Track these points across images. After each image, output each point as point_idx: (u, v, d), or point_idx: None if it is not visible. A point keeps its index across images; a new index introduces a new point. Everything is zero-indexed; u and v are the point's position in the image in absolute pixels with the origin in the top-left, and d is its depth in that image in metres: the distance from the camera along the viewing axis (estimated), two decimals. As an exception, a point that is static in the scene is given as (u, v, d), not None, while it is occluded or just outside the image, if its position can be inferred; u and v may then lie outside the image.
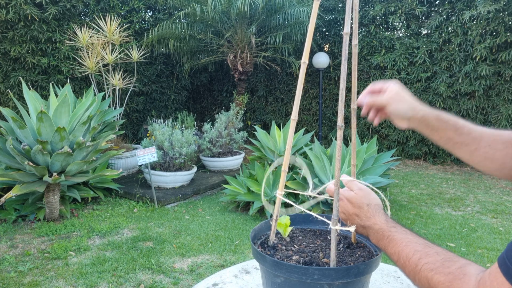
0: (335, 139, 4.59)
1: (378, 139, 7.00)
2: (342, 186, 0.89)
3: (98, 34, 5.38)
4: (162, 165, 4.91)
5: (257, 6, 5.61)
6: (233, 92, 7.54)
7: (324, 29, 7.44)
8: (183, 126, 5.91)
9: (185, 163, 5.02)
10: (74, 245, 3.31)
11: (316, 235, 1.06)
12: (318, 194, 1.00)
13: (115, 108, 5.74)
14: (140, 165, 5.31)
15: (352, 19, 0.82)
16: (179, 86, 8.18)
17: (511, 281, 0.50)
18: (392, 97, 0.85)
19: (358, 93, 0.89)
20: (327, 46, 7.49)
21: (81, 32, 5.27)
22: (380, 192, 0.97)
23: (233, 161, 5.84)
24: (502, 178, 0.83)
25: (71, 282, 2.73)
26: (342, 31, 7.76)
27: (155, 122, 5.32)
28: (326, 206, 3.82)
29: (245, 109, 7.62)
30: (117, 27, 5.53)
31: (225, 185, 4.42)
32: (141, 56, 6.08)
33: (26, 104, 3.83)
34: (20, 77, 4.97)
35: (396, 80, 0.90)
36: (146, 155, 4.30)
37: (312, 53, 6.83)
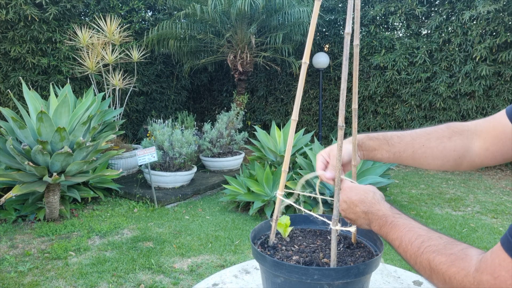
0: (335, 139, 4.59)
1: (378, 139, 6.99)
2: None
3: (98, 34, 5.38)
4: (162, 165, 4.91)
5: (257, 6, 5.61)
6: (233, 92, 7.54)
7: (324, 29, 7.44)
8: (183, 126, 5.92)
9: (185, 163, 5.02)
10: (74, 245, 3.31)
11: (316, 235, 1.06)
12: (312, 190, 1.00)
13: (115, 108, 5.74)
14: (140, 165, 5.30)
15: (353, 19, 0.82)
16: (179, 86, 8.18)
17: None
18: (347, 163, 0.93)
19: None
20: (327, 46, 7.49)
21: (81, 32, 5.27)
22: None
23: (233, 161, 5.84)
24: (453, 170, 0.89)
25: (71, 282, 2.73)
26: (343, 31, 7.79)
27: (155, 122, 5.32)
28: (326, 206, 3.82)
29: (245, 109, 7.62)
30: (117, 27, 5.53)
31: (225, 185, 4.42)
32: (141, 56, 6.08)
33: (26, 104, 3.83)
34: (20, 77, 4.97)
35: (323, 152, 0.96)
36: (146, 155, 4.30)
37: (312, 53, 6.83)
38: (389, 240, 0.74)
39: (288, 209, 3.83)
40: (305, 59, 0.85)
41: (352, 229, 0.93)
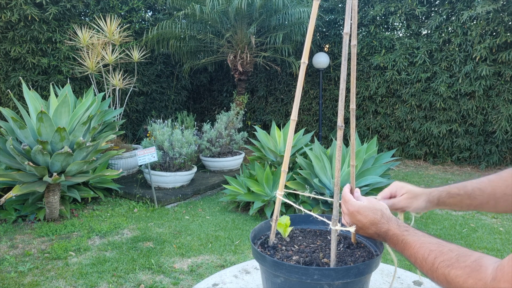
0: (335, 139, 4.59)
1: (378, 139, 7.00)
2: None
3: (98, 34, 5.38)
4: (162, 165, 4.91)
5: (255, 5, 5.60)
6: (233, 92, 7.54)
7: (324, 30, 7.44)
8: (183, 126, 5.92)
9: (185, 163, 5.02)
10: (74, 245, 3.31)
11: (316, 235, 1.06)
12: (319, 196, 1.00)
13: (115, 108, 5.74)
14: (140, 165, 5.31)
15: (351, 19, 0.82)
16: (179, 86, 8.19)
17: None
18: (408, 198, 0.94)
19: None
20: (327, 46, 7.49)
21: (81, 32, 5.27)
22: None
23: (233, 161, 5.84)
24: None
25: (71, 282, 2.73)
26: (342, 31, 7.74)
27: (155, 122, 5.32)
28: (326, 206, 3.82)
29: (245, 109, 7.62)
30: (117, 27, 5.53)
31: (225, 185, 4.42)
32: (141, 56, 6.08)
33: (26, 104, 3.84)
34: (20, 77, 4.97)
35: (397, 183, 0.99)
36: (146, 155, 4.30)
37: (312, 53, 6.83)
38: (405, 257, 0.76)
39: (288, 209, 3.83)
40: (304, 59, 0.85)
41: (352, 229, 0.93)
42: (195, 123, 6.89)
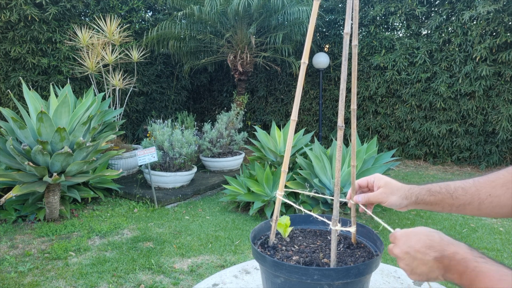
0: (335, 140, 4.59)
1: (378, 139, 7.00)
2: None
3: (98, 35, 5.38)
4: (162, 166, 4.91)
5: (253, 6, 5.60)
6: (233, 92, 7.54)
7: (324, 30, 7.44)
8: (183, 126, 5.92)
9: (185, 163, 5.02)
10: (74, 246, 3.31)
11: (316, 235, 1.06)
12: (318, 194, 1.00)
13: (115, 109, 5.74)
14: (140, 166, 5.30)
15: (352, 19, 0.82)
16: (179, 86, 8.19)
17: None
18: (383, 192, 0.88)
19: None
20: (327, 46, 7.49)
21: (81, 33, 5.27)
22: None
23: (233, 162, 5.84)
24: None
25: (71, 282, 2.73)
26: (343, 31, 7.73)
27: (155, 122, 5.32)
28: (326, 206, 3.82)
29: (245, 109, 7.62)
30: (117, 27, 5.54)
31: (225, 185, 4.42)
32: (141, 57, 6.08)
33: (26, 105, 3.84)
34: (20, 78, 4.97)
35: (377, 174, 0.94)
36: (146, 155, 4.30)
37: (312, 54, 6.83)
38: None
39: (288, 209, 3.83)
40: (304, 59, 0.85)
41: (352, 229, 0.93)
42: (195, 123, 6.89)
